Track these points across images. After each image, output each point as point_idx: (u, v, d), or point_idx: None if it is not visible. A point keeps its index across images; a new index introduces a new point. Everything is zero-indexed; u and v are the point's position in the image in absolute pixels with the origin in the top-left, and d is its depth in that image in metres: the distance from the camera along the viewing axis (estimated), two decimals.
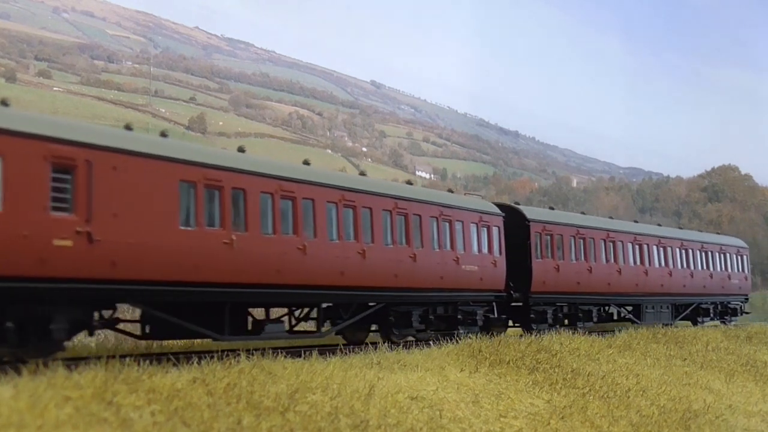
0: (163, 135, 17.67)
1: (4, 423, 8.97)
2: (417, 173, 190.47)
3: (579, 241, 30.03)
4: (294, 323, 20.95)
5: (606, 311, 33.04)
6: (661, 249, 35.28)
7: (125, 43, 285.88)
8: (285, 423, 11.69)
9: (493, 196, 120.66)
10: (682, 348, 26.66)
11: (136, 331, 17.76)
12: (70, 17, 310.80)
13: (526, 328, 27.11)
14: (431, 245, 23.19)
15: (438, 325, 23.98)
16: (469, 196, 30.08)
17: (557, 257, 28.77)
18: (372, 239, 21.01)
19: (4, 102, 14.03)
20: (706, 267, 38.79)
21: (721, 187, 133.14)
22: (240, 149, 19.87)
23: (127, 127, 16.58)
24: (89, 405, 10.10)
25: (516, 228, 27.31)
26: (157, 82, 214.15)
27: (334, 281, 19.80)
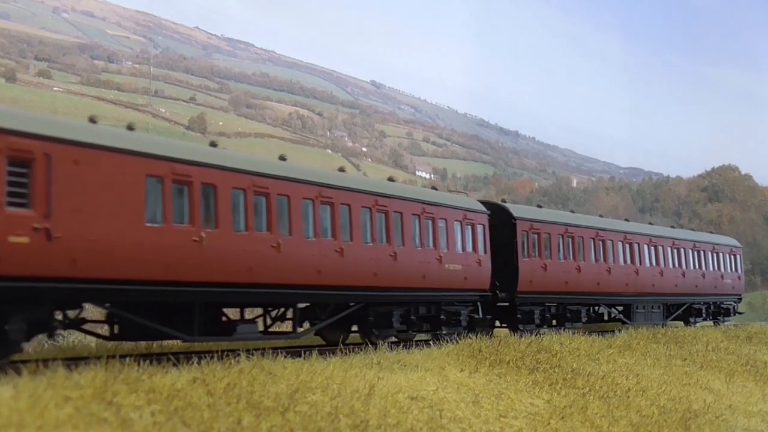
0: (130, 128, 16.97)
1: (4, 423, 8.97)
2: (417, 173, 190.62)
3: (567, 240, 29.61)
4: (269, 324, 20.43)
5: (596, 311, 32.58)
6: (652, 248, 34.85)
7: (125, 43, 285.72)
8: (285, 423, 11.69)
9: (493, 196, 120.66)
10: (682, 348, 26.65)
11: (116, 331, 17.19)
12: (70, 17, 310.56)
13: (512, 328, 26.68)
14: (413, 243, 22.68)
15: (420, 326, 23.56)
16: (454, 193, 29.42)
17: (545, 256, 28.33)
18: (350, 237, 20.47)
19: None
20: (698, 266, 38.32)
21: (721, 187, 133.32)
22: (212, 144, 19.28)
23: (92, 120, 15.95)
24: (89, 405, 10.10)
25: (502, 226, 26.92)
26: (157, 82, 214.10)
27: (310, 280, 19.27)
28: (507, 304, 27.13)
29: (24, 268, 13.54)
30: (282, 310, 20.47)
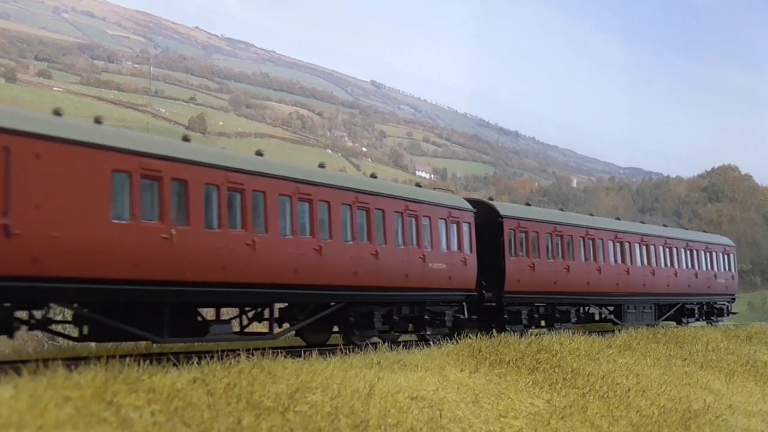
0: (97, 121, 16.20)
1: (4, 423, 8.96)
2: (417, 173, 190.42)
3: (556, 239, 28.95)
4: (246, 324, 19.80)
5: (586, 312, 31.95)
6: (644, 247, 34.21)
7: (125, 43, 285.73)
8: (285, 423, 11.69)
9: (493, 196, 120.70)
10: (682, 348, 26.66)
11: (85, 332, 16.52)
12: (70, 17, 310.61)
13: (499, 329, 25.60)
14: (395, 242, 22.09)
15: (404, 326, 23.04)
16: (439, 190, 28.88)
17: (533, 255, 27.68)
18: (329, 235, 19.85)
19: None
20: (690, 266, 37.71)
21: (721, 187, 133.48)
22: (185, 138, 18.64)
23: (56, 113, 15.20)
24: (89, 405, 10.10)
25: (489, 224, 26.32)
26: (157, 82, 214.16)
27: (287, 279, 18.65)
28: (494, 304, 26.46)
29: None
30: (259, 310, 19.87)
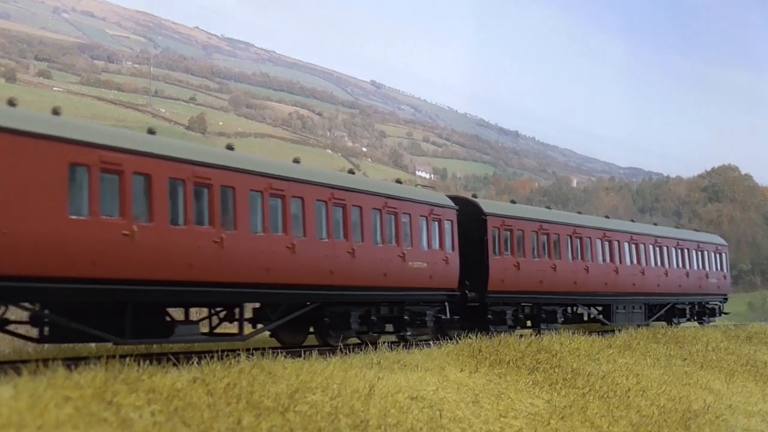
0: (56, 113, 15.36)
1: (4, 423, 8.96)
2: (417, 173, 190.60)
3: (542, 237, 28.12)
4: (216, 325, 19.09)
5: (574, 312, 31.21)
6: (633, 246, 33.43)
7: (125, 43, 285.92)
8: (285, 423, 11.68)
9: (493, 196, 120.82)
10: (682, 348, 26.64)
11: (45, 332, 16.00)
12: (70, 17, 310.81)
13: (483, 329, 24.31)
14: (373, 239, 21.33)
15: (382, 327, 22.36)
16: (420, 187, 28.29)
17: (517, 254, 26.87)
18: (304, 233, 19.07)
19: None
20: (681, 265, 36.89)
21: (721, 187, 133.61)
22: (150, 131, 17.76)
23: (10, 103, 14.49)
24: (89, 405, 10.09)
25: (472, 222, 25.51)
26: (157, 82, 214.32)
27: (258, 279, 17.89)
28: (477, 304, 25.70)
29: None
30: (230, 310, 19.06)
